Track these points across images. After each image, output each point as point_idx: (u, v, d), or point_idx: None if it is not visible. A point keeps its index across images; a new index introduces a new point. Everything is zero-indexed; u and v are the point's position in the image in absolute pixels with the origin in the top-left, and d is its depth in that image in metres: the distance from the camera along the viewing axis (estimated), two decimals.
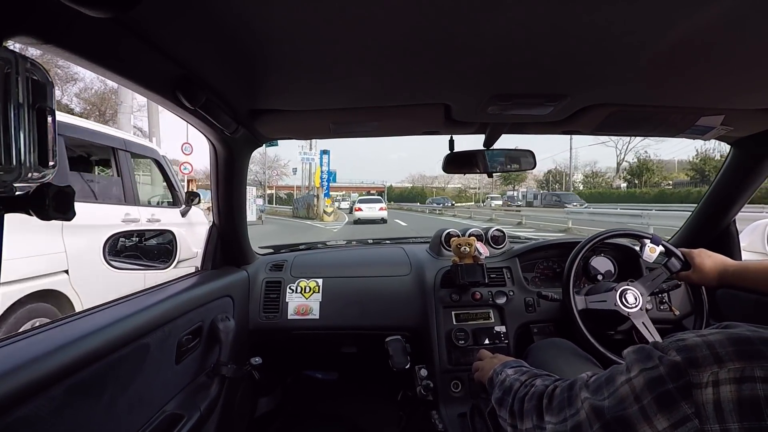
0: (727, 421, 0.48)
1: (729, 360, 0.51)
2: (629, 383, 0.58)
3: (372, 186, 60.57)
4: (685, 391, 0.52)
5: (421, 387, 1.55)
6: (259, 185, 53.68)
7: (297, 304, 1.77)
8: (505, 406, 0.87)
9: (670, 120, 1.30)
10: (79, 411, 0.80)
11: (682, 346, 0.55)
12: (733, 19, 0.71)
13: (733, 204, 1.62)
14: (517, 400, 0.83)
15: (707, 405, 0.50)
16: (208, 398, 1.30)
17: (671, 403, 0.52)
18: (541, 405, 0.75)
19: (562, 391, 0.72)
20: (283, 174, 60.29)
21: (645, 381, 0.56)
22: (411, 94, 1.13)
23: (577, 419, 0.65)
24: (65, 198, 0.46)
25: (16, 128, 0.41)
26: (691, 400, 0.51)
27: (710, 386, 0.50)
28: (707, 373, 0.51)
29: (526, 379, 0.87)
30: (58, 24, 0.57)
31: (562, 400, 0.70)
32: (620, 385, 0.60)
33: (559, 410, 0.70)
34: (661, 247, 1.44)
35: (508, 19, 0.72)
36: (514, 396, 0.85)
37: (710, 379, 0.50)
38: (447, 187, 68.62)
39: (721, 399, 0.49)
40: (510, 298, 1.72)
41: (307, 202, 30.76)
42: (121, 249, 1.56)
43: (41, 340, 0.80)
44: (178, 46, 0.79)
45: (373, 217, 23.36)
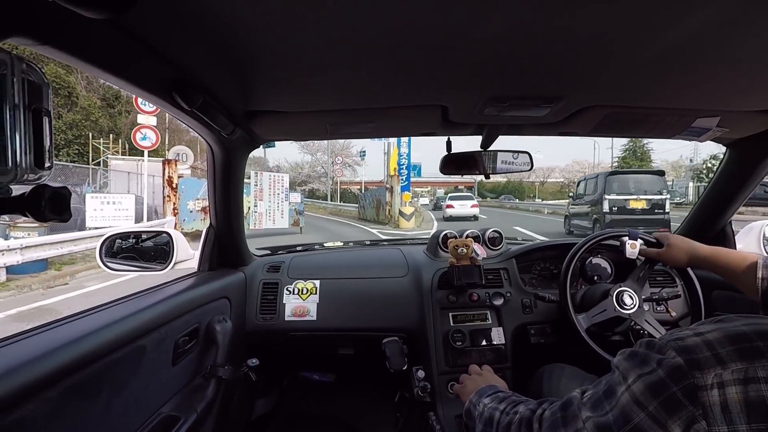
0: (736, 423, 0.49)
1: (731, 360, 0.51)
2: (628, 391, 0.58)
3: (460, 181, 53.87)
4: (691, 393, 0.52)
5: (418, 388, 1.55)
6: (320, 179, 47.71)
7: (294, 305, 1.77)
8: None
9: (666, 121, 1.30)
10: (74, 413, 0.80)
11: (681, 347, 0.55)
12: (728, 21, 0.71)
13: (729, 206, 1.63)
14: (501, 429, 0.80)
15: (714, 407, 0.50)
16: (204, 400, 1.29)
17: (678, 406, 0.52)
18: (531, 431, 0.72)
19: (554, 413, 0.70)
20: (355, 164, 50.31)
21: (645, 386, 0.56)
22: (408, 95, 1.13)
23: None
24: (61, 199, 0.46)
25: (12, 130, 0.41)
26: (697, 402, 0.51)
27: (715, 388, 0.51)
28: (711, 374, 0.51)
29: (505, 407, 0.84)
30: (54, 25, 0.57)
31: (555, 421, 0.68)
32: (620, 395, 0.58)
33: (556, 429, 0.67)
34: (639, 241, 1.47)
35: (504, 22, 0.72)
36: (496, 427, 0.81)
37: (715, 381, 0.51)
38: (546, 181, 64.06)
39: (728, 401, 0.50)
40: (507, 300, 1.72)
41: (376, 197, 22.25)
42: (117, 250, 1.55)
43: (37, 341, 0.79)
44: (174, 48, 0.79)
45: (465, 214, 23.06)
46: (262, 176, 15.54)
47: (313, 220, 22.68)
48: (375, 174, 46.44)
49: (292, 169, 52.36)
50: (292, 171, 52.28)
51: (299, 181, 49.62)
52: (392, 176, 21.06)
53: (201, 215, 14.06)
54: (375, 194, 23.21)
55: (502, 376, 1.59)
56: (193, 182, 14.76)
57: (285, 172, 26.55)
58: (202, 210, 14.20)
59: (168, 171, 13.33)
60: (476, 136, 1.54)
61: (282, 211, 15.72)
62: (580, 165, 61.15)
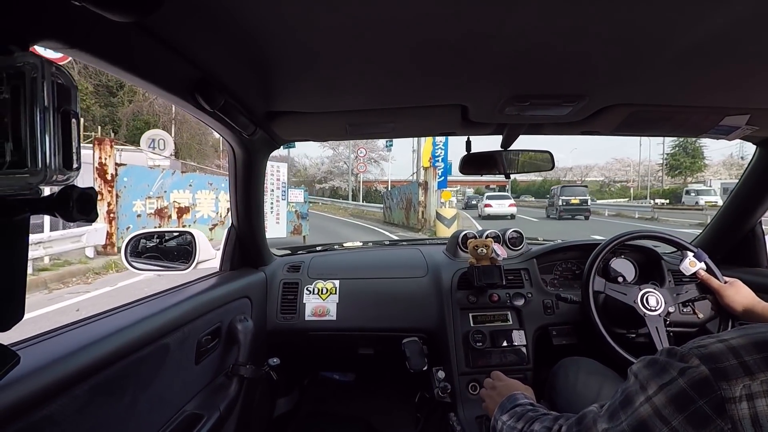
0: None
1: (759, 370, 0.49)
2: (649, 402, 0.55)
3: (492, 180, 48.80)
4: (719, 406, 0.49)
5: (438, 389, 1.54)
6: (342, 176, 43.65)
7: (314, 305, 1.78)
8: None
9: (692, 120, 1.27)
10: (101, 410, 0.82)
11: (705, 354, 0.53)
12: (758, 15, 0.69)
13: (758, 205, 1.58)
14: None
15: (744, 420, 0.48)
16: (227, 398, 1.31)
17: (706, 421, 0.50)
18: None
19: (570, 427, 0.69)
20: (381, 159, 44.00)
21: (668, 398, 0.54)
22: (427, 95, 1.13)
23: None
24: (88, 200, 0.47)
25: (42, 131, 0.42)
26: (726, 416, 0.49)
27: (744, 400, 0.49)
28: (739, 386, 0.49)
29: (522, 426, 0.83)
30: (83, 29, 0.59)
31: None
32: (639, 406, 0.57)
33: None
34: (702, 264, 1.41)
35: (525, 19, 0.71)
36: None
37: (743, 393, 0.49)
38: (584, 179, 58.48)
39: (759, 414, 0.48)
40: (528, 300, 1.70)
41: (406, 196, 17.86)
42: (142, 250, 1.58)
43: (64, 340, 0.81)
44: (197, 50, 0.80)
45: (503, 213, 23.24)
46: None
47: (327, 223, 20.79)
48: (403, 172, 42.30)
49: (314, 166, 49.42)
50: (313, 168, 49.14)
51: (318, 178, 47.61)
52: (426, 169, 16.85)
53: (156, 221, 10.29)
54: (404, 192, 18.80)
55: (523, 377, 1.58)
56: (142, 172, 10.49)
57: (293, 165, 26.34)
58: (156, 213, 10.32)
59: (100, 155, 9.26)
60: (496, 136, 1.53)
61: (277, 214, 11.65)
62: (622, 163, 57.99)
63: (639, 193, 47.75)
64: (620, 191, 54.58)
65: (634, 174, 55.14)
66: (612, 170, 59.49)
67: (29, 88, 0.41)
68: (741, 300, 1.26)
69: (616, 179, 59.12)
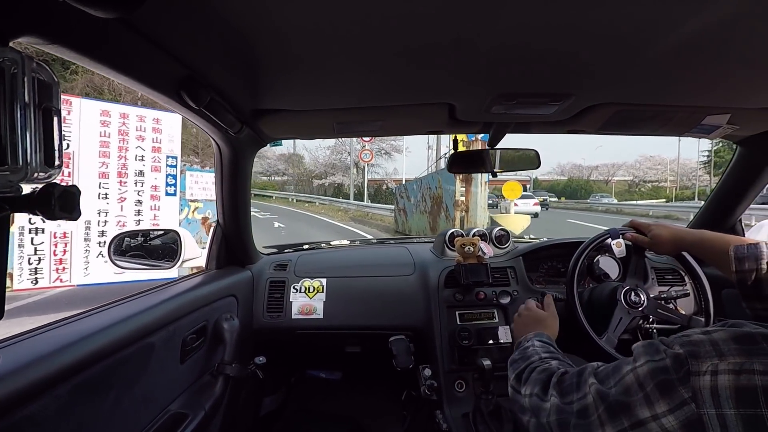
0: (724, 406, 0.52)
1: (730, 355, 0.54)
2: (634, 372, 0.62)
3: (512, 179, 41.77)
4: (684, 378, 0.55)
5: (425, 387, 1.55)
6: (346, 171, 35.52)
7: (301, 303, 1.77)
8: (515, 367, 0.94)
9: (675, 119, 1.29)
10: (84, 410, 0.81)
11: (686, 341, 0.59)
12: (740, 17, 0.70)
13: (738, 203, 1.61)
14: (528, 368, 0.89)
15: (704, 390, 0.54)
16: (212, 397, 1.30)
17: (671, 389, 0.57)
18: (548, 382, 0.80)
19: (572, 376, 0.76)
20: (394, 150, 35.44)
21: (649, 370, 0.60)
22: (415, 93, 1.13)
23: (584, 402, 0.69)
24: (71, 198, 0.46)
25: (22, 128, 0.41)
26: (688, 385, 0.55)
27: (708, 374, 0.54)
28: (707, 363, 0.55)
29: (545, 356, 0.92)
30: (64, 24, 0.58)
31: (570, 384, 0.74)
32: (625, 374, 0.64)
33: (567, 392, 0.74)
34: (620, 238, 1.45)
35: (512, 19, 0.72)
36: (528, 365, 0.90)
37: (709, 369, 0.54)
38: (611, 179, 56.61)
39: (719, 386, 0.53)
40: (514, 298, 1.72)
41: (431, 192, 12.29)
42: (126, 248, 1.56)
43: (47, 339, 0.80)
44: (182, 47, 0.80)
45: (528, 212, 22.49)
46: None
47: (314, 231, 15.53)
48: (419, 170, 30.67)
49: (312, 158, 42.79)
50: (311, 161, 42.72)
51: (317, 172, 41.43)
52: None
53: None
54: (427, 186, 12.73)
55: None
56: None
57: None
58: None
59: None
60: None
61: (154, 219, 6.01)
62: (653, 161, 54.58)
63: (679, 194, 45.71)
64: (652, 192, 51.60)
65: (669, 173, 51.95)
66: (641, 169, 55.95)
67: (9, 85, 0.41)
68: (666, 239, 1.26)
69: (647, 179, 55.72)
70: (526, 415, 0.83)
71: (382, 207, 21.12)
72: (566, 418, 0.71)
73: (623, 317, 1.39)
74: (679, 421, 0.55)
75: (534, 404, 0.80)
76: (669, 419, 0.56)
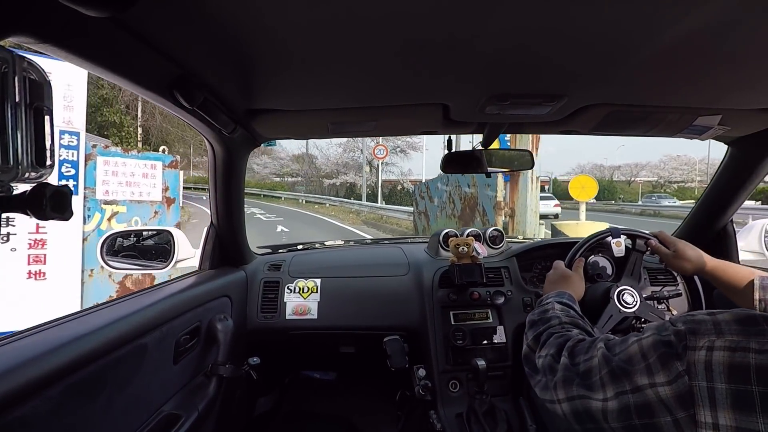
0: (715, 380, 0.54)
1: (729, 333, 0.56)
2: (639, 342, 0.66)
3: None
4: (681, 352, 0.59)
5: (419, 387, 1.55)
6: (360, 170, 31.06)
7: (295, 304, 1.77)
8: (534, 329, 0.96)
9: (667, 120, 1.30)
10: (76, 412, 0.80)
11: (689, 319, 0.62)
12: (730, 18, 0.71)
13: (730, 204, 1.62)
14: (548, 332, 0.91)
15: (698, 364, 0.56)
16: (206, 398, 1.30)
17: (668, 360, 0.59)
18: (563, 346, 0.83)
19: (585, 343, 0.80)
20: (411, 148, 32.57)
21: (653, 341, 0.63)
22: (409, 94, 1.13)
23: (589, 364, 0.73)
24: (62, 198, 0.46)
25: (13, 128, 0.41)
26: (684, 359, 0.58)
27: (704, 350, 0.56)
28: (704, 339, 0.57)
29: (566, 321, 0.94)
30: (55, 23, 0.57)
31: (581, 348, 0.78)
32: (631, 344, 0.67)
33: (577, 354, 0.78)
34: (622, 237, 1.47)
35: (505, 19, 0.72)
36: (547, 327, 0.93)
37: (705, 345, 0.56)
38: (634, 180, 53.86)
39: (713, 361, 0.54)
40: (508, 298, 1.72)
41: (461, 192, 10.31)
42: (118, 249, 1.55)
43: (39, 340, 0.79)
44: (175, 46, 0.79)
45: (549, 213, 22.60)
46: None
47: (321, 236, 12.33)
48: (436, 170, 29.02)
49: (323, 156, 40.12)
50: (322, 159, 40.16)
51: (327, 171, 39.41)
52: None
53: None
54: (457, 183, 10.59)
55: (503, 374, 1.60)
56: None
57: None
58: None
59: None
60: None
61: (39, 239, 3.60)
62: (679, 161, 52.07)
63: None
64: (678, 193, 46.58)
65: (697, 173, 48.69)
66: (667, 169, 53.53)
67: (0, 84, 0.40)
68: (687, 265, 1.28)
69: (673, 179, 52.72)
70: (539, 375, 0.86)
71: (397, 209, 18.78)
72: (571, 377, 0.75)
73: (614, 315, 1.39)
74: (673, 392, 0.58)
75: (548, 364, 0.83)
76: (665, 389, 0.58)
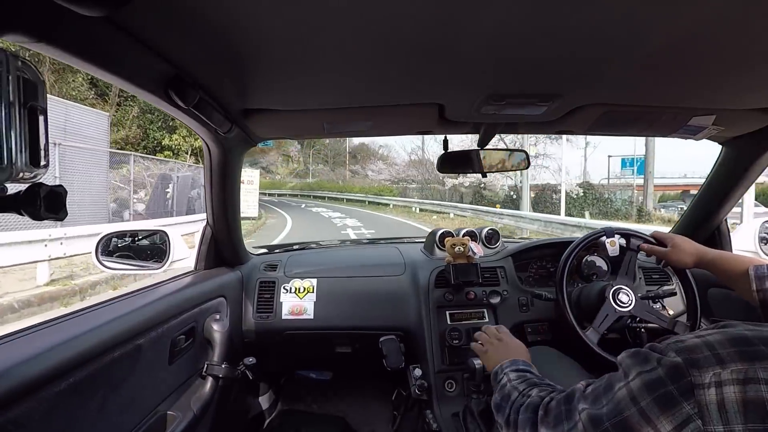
0: (732, 422, 0.49)
1: (731, 361, 0.51)
2: (626, 386, 0.58)
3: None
4: (687, 391, 0.52)
5: (415, 386, 1.55)
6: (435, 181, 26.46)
7: (291, 304, 1.77)
8: (502, 413, 0.86)
9: (662, 120, 1.31)
10: (71, 412, 0.80)
11: (681, 348, 0.56)
12: (724, 19, 0.71)
13: (724, 203, 1.63)
14: (513, 410, 0.83)
15: (710, 405, 0.50)
16: (201, 399, 1.29)
17: (672, 403, 0.53)
18: (536, 417, 0.74)
19: (559, 403, 0.72)
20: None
21: (643, 383, 0.56)
22: (404, 93, 1.13)
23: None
24: (57, 198, 0.46)
25: (7, 127, 0.41)
26: (693, 400, 0.52)
27: (713, 387, 0.51)
28: (709, 373, 0.51)
29: (524, 389, 0.86)
30: (49, 22, 0.57)
31: (559, 414, 0.70)
32: (617, 390, 0.60)
33: (555, 424, 0.69)
34: (615, 237, 1.49)
35: (500, 19, 0.72)
36: (511, 405, 0.84)
37: (713, 380, 0.51)
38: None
39: (725, 400, 0.50)
40: (504, 298, 1.73)
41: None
42: (113, 249, 1.55)
43: (33, 341, 0.79)
44: (170, 45, 0.79)
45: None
46: None
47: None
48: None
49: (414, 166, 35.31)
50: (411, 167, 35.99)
51: (400, 178, 36.49)
52: None
53: None
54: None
55: None
56: None
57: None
58: None
59: None
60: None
61: None
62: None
63: None
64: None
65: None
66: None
67: None
68: (688, 254, 1.29)
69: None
70: None
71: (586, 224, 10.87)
72: None
73: (609, 314, 1.40)
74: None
75: None
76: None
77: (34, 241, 5.75)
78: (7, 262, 5.43)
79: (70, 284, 5.90)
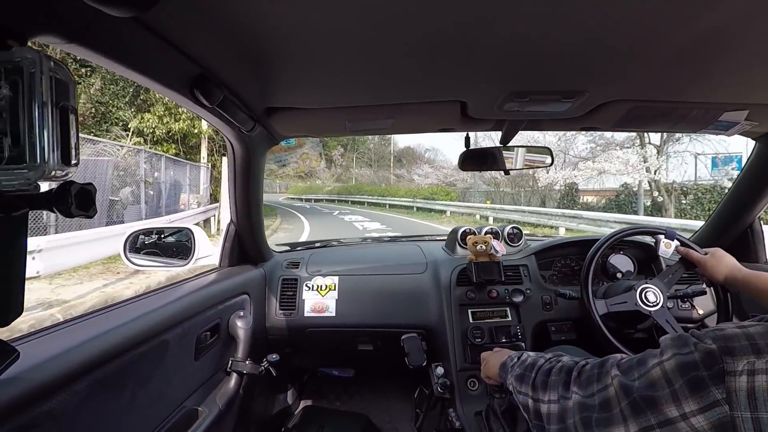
0: (760, 410, 0.49)
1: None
2: (660, 366, 0.59)
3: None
4: (718, 377, 0.52)
5: (437, 384, 1.55)
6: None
7: (313, 301, 1.78)
8: (526, 381, 0.86)
9: (691, 115, 1.27)
10: (101, 406, 0.82)
11: (719, 335, 0.56)
12: (755, 11, 0.69)
13: (757, 201, 1.58)
14: (541, 373, 0.83)
15: (740, 392, 0.51)
16: (226, 394, 1.31)
17: (702, 387, 0.53)
18: (569, 378, 0.76)
19: (593, 366, 0.73)
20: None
21: (677, 364, 0.57)
22: (427, 91, 1.12)
23: (605, 395, 0.66)
24: (87, 196, 0.47)
25: (40, 127, 0.42)
26: (723, 386, 0.52)
27: (745, 374, 0.51)
28: (743, 361, 0.52)
29: (551, 357, 0.87)
30: (81, 23, 0.58)
31: (591, 375, 0.71)
32: (651, 368, 0.61)
33: (587, 384, 0.71)
34: (676, 242, 1.43)
35: (524, 15, 0.71)
36: (538, 370, 0.85)
37: (745, 368, 0.51)
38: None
39: (756, 388, 0.50)
40: (527, 296, 1.71)
41: None
42: (140, 246, 1.58)
43: (65, 335, 0.81)
44: (195, 45, 0.80)
45: None
46: None
47: None
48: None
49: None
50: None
51: (449, 182, 31.26)
52: None
53: None
54: None
55: None
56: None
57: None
58: None
59: None
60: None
61: None
62: None
63: None
64: None
65: None
66: None
67: (27, 84, 0.41)
68: (722, 269, 1.27)
69: None
70: (552, 424, 0.76)
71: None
72: (588, 415, 0.67)
73: (628, 302, 1.40)
74: (709, 422, 0.52)
75: (559, 409, 0.75)
76: (699, 419, 0.53)
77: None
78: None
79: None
